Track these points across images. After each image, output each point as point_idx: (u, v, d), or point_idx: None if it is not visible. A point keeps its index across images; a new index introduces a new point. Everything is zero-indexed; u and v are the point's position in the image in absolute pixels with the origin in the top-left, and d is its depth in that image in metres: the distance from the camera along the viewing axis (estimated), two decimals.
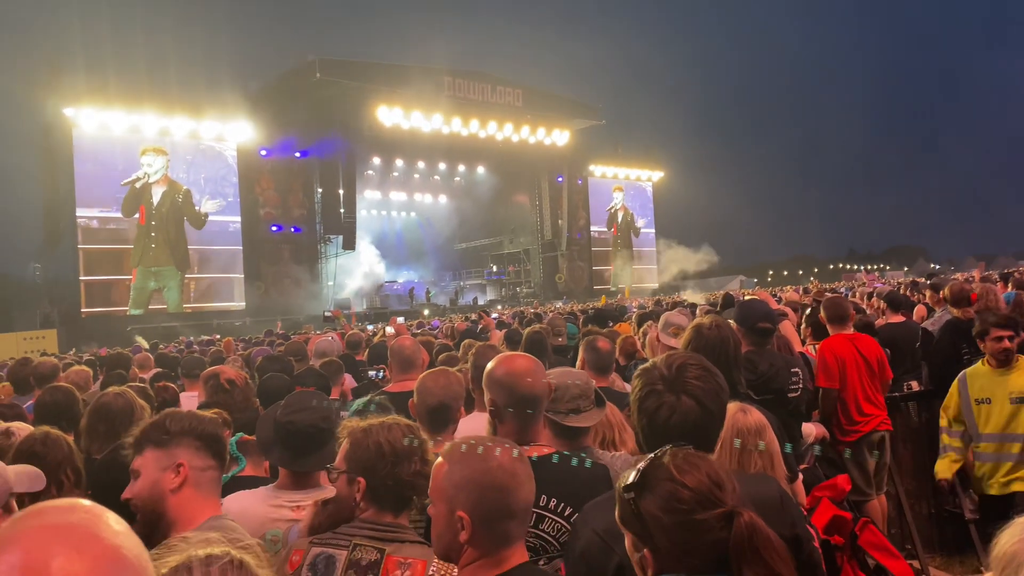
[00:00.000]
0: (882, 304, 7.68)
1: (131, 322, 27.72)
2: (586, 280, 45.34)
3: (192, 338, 19.36)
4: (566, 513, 2.25)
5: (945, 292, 6.04)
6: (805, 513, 2.67)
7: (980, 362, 4.64)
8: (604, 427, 3.07)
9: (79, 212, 27.93)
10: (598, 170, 46.51)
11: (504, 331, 8.08)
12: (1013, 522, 1.01)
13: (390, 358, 4.47)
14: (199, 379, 5.74)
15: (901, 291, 10.65)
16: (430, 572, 1.90)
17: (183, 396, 5.16)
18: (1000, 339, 4.45)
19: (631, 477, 1.41)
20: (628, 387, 4.48)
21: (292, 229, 33.31)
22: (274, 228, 32.83)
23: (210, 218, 31.00)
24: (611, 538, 1.71)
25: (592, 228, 46.65)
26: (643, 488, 1.38)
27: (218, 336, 18.00)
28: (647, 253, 50.50)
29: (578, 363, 4.06)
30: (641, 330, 6.37)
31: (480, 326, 8.89)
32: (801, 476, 3.13)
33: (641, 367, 1.99)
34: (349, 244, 33.85)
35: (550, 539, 2.25)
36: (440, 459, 1.78)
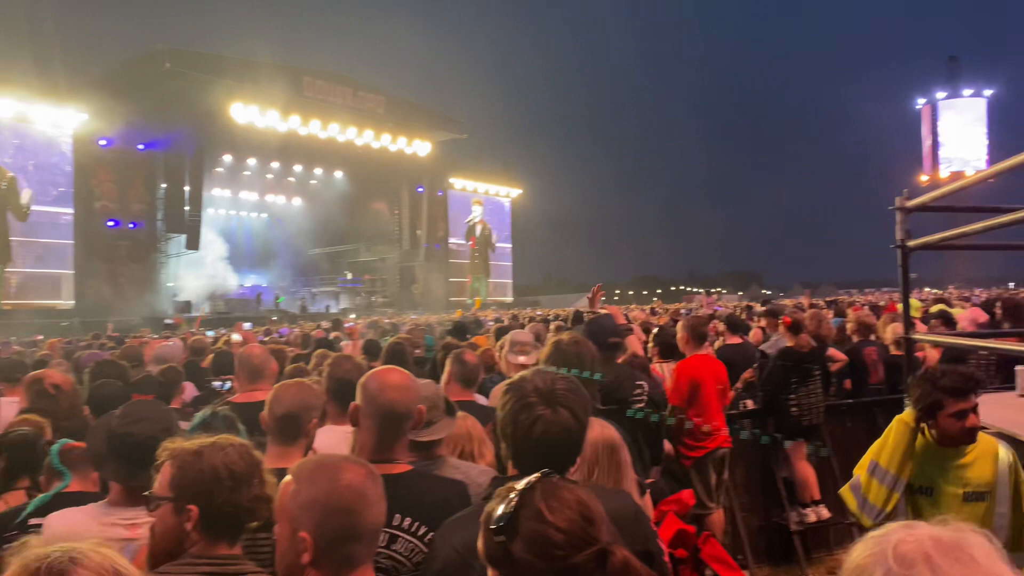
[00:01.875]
0: (721, 326, 8.13)
1: None
2: (442, 291, 45.31)
3: (13, 338, 17.68)
4: (420, 532, 2.20)
5: (784, 319, 6.46)
6: (654, 527, 2.76)
7: (910, 419, 3.08)
8: (464, 440, 3.06)
9: None
10: (459, 183, 46.75)
11: (363, 341, 7.90)
12: (866, 536, 1.06)
13: (237, 367, 4.23)
14: (20, 383, 5.26)
15: (737, 314, 11.32)
16: None
17: (2, 401, 4.69)
18: (962, 414, 2.95)
19: (499, 514, 1.36)
20: (484, 399, 4.50)
21: (130, 225, 31.20)
22: (111, 223, 30.62)
23: (39, 208, 28.53)
24: (470, 555, 1.67)
25: (450, 240, 46.76)
26: (513, 531, 1.34)
27: (41, 337, 16.55)
28: (504, 268, 51.22)
29: (444, 375, 4.02)
30: (499, 343, 6.41)
31: (344, 334, 8.60)
32: (648, 490, 3.24)
33: (508, 382, 1.97)
34: (193, 244, 32.17)
35: (403, 559, 2.20)
36: (288, 477, 1.70)
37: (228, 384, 5.29)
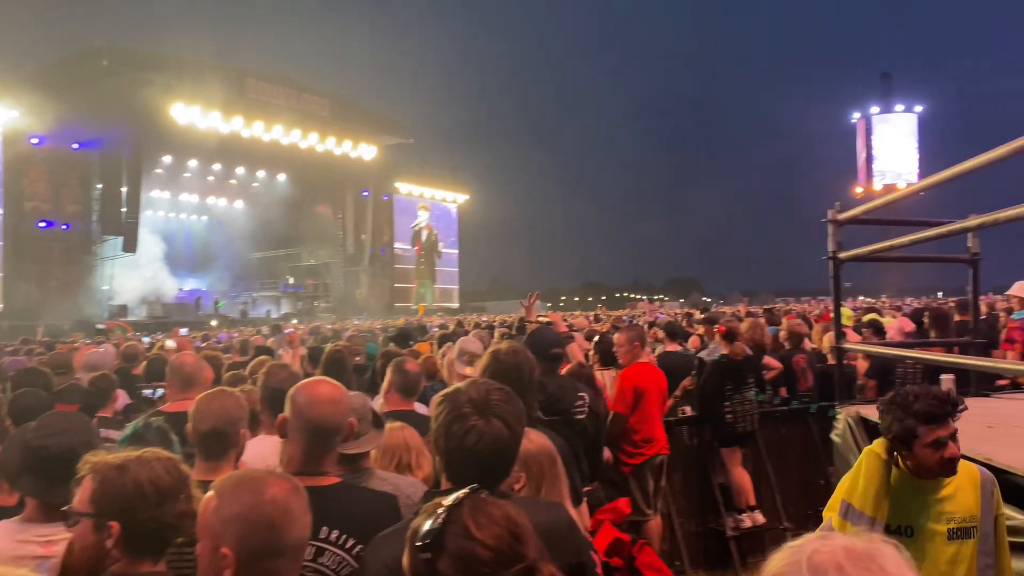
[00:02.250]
0: (660, 333, 8.24)
1: None
2: (387, 297, 44.95)
3: None
4: (348, 545, 2.17)
5: (719, 327, 6.57)
6: (588, 536, 2.77)
7: (882, 450, 2.76)
8: (401, 450, 3.03)
9: None
10: (404, 188, 46.46)
11: (305, 348, 7.77)
12: (784, 545, 1.09)
13: (169, 374, 4.12)
14: None
15: (678, 321, 11.50)
16: None
17: None
18: (940, 443, 2.59)
19: (425, 529, 1.34)
20: (425, 408, 4.47)
21: (63, 226, 30.17)
22: (42, 224, 29.56)
23: None
24: (401, 570, 1.66)
25: (396, 245, 46.45)
26: (439, 548, 1.32)
27: None
28: (450, 273, 51.09)
29: (384, 384, 3.98)
30: (441, 351, 6.39)
31: (283, 341, 8.41)
32: (585, 499, 3.26)
33: (442, 393, 1.96)
34: (130, 246, 31.27)
35: (330, 573, 2.17)
36: (210, 492, 1.67)
37: (160, 392, 5.14)
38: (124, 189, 30.69)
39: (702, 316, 11.91)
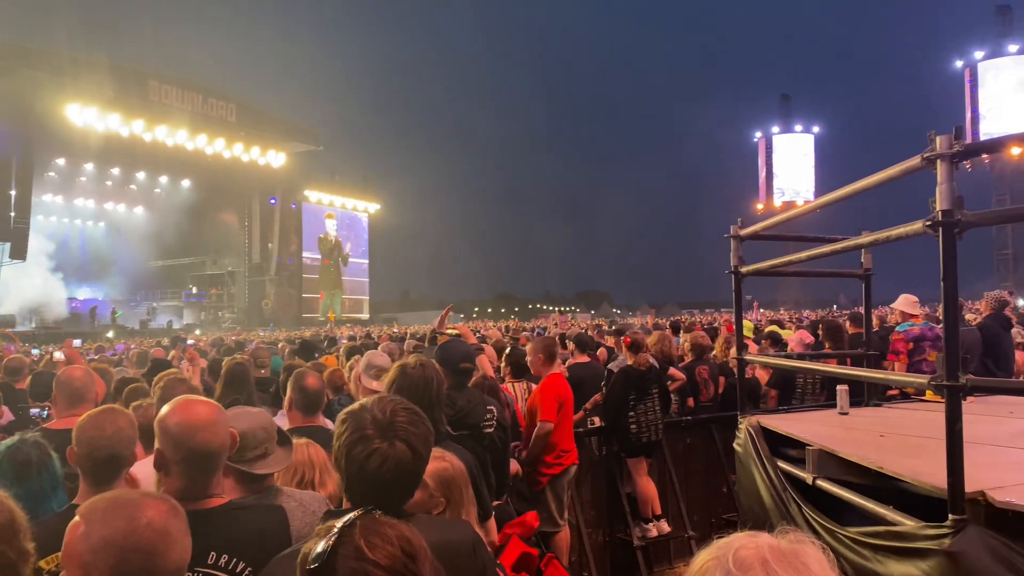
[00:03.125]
0: (571, 345, 8.32)
1: None
2: (295, 308, 44.00)
3: None
4: (238, 570, 2.07)
5: (625, 339, 6.67)
6: (494, 552, 2.75)
7: None
8: (305, 467, 2.94)
9: None
10: (314, 196, 45.67)
11: (206, 362, 7.48)
12: (712, 543, 1.10)
13: (55, 389, 3.86)
14: None
15: (587, 333, 11.64)
16: None
17: None
18: None
19: (316, 552, 1.30)
20: (331, 424, 4.36)
21: None
22: None
23: None
24: None
25: (304, 254, 45.55)
26: (330, 570, 1.28)
27: None
28: (360, 284, 50.41)
29: (285, 402, 3.85)
30: (348, 364, 6.26)
31: (184, 356, 8.05)
32: (493, 514, 3.23)
33: (347, 410, 1.89)
34: (19, 253, 29.66)
35: None
36: (77, 518, 1.55)
37: (46, 411, 4.82)
38: (13, 192, 29.07)
39: (611, 328, 12.11)
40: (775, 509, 3.94)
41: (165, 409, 2.14)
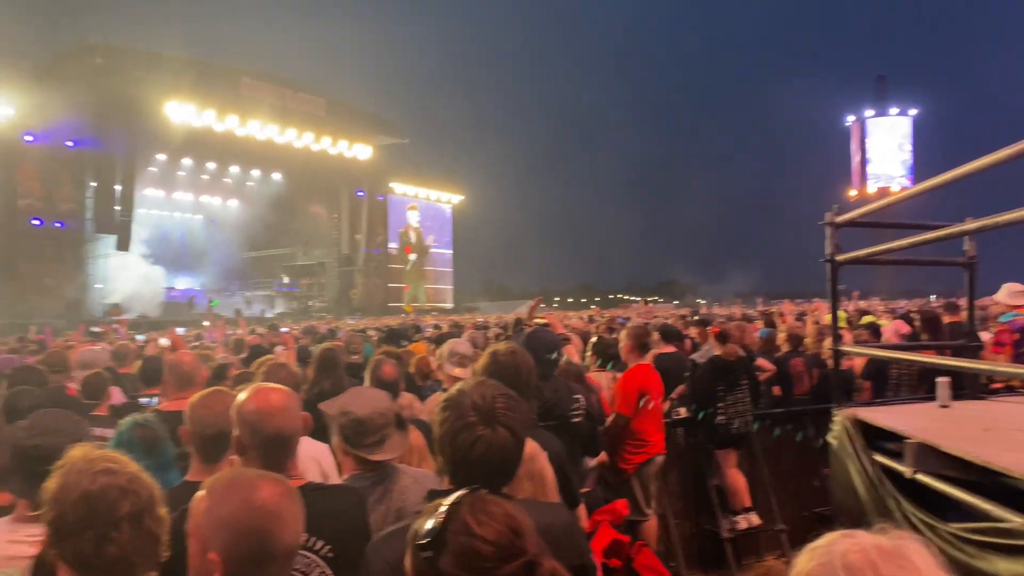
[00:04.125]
0: (656, 335, 8.26)
1: None
2: (381, 297, 44.93)
3: None
4: (316, 547, 2.15)
5: (712, 329, 6.59)
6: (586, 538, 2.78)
7: None
8: (404, 453, 3.01)
9: None
10: (399, 188, 46.47)
11: (295, 348, 7.76)
12: (809, 546, 1.10)
13: (166, 373, 4.11)
14: None
15: (672, 323, 11.51)
16: None
17: None
18: None
19: (426, 530, 1.36)
20: (419, 406, 4.46)
21: (56, 224, 30.07)
22: (35, 222, 29.46)
23: None
24: (403, 569, 1.66)
25: (390, 245, 46.44)
26: (440, 545, 1.34)
27: None
28: (444, 274, 51.11)
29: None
30: (438, 351, 6.38)
31: (277, 340, 8.36)
32: (582, 501, 3.26)
33: (447, 397, 1.95)
34: (123, 245, 31.23)
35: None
36: (201, 492, 1.62)
37: (155, 399, 5.06)
38: (118, 187, 30.61)
39: (695, 318, 11.94)
40: (871, 504, 3.84)
41: (242, 397, 2.25)
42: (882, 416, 4.16)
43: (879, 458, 3.86)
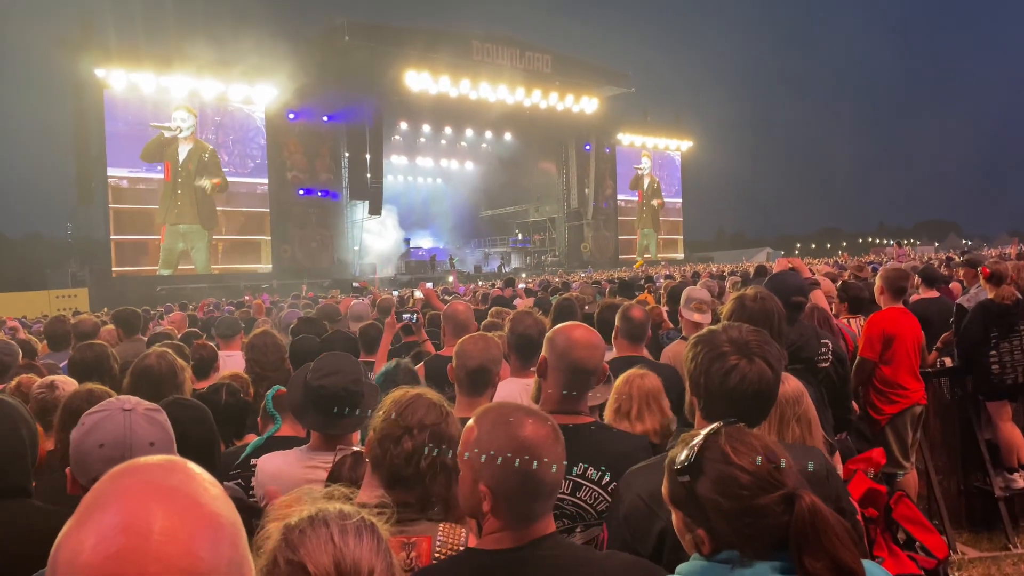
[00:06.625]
0: (916, 279, 7.59)
1: (160, 282, 28.12)
2: (612, 250, 45.15)
3: (223, 299, 19.51)
4: (603, 482, 2.24)
5: (983, 269, 5.93)
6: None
7: None
8: (623, 398, 2.99)
9: (110, 172, 28.14)
10: (626, 139, 45.98)
11: (532, 299, 8.08)
12: None
13: (444, 322, 4.55)
14: (233, 339, 5.85)
15: (935, 267, 10.50)
16: (436, 545, 1.83)
17: (221, 355, 5.20)
18: None
19: (683, 457, 1.38)
20: (647, 355, 4.49)
21: (319, 193, 33.40)
22: (301, 192, 32.93)
23: (239, 179, 31.15)
24: (655, 503, 1.71)
25: (619, 197, 46.32)
26: (698, 471, 1.35)
27: (249, 297, 18.11)
28: (674, 224, 50.18)
29: (613, 332, 4.06)
30: (667, 301, 6.36)
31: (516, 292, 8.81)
32: (837, 449, 3.14)
33: (697, 335, 1.93)
34: (375, 210, 33.89)
35: (587, 507, 2.26)
36: (471, 422, 1.69)
37: (415, 316, 5.41)
38: (368, 156, 33.21)
39: (961, 259, 10.80)
40: None
41: (558, 327, 2.45)
42: None
43: None
